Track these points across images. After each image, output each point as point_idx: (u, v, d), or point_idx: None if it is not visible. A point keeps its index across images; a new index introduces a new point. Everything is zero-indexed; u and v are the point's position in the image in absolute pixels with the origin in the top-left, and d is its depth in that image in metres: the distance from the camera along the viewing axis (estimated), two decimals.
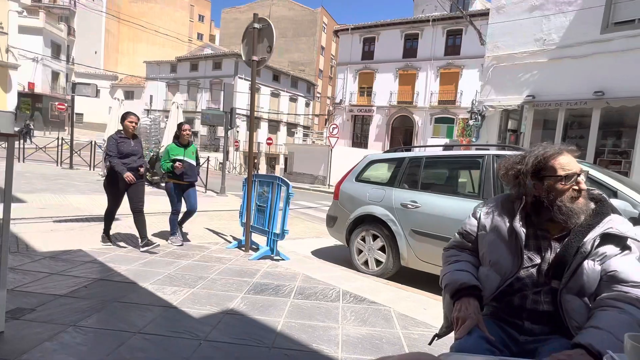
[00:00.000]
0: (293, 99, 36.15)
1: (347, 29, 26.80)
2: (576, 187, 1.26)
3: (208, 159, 11.37)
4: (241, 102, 25.67)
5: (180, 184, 4.55)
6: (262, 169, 31.68)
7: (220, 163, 18.43)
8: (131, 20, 34.32)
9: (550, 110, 9.71)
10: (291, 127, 35.89)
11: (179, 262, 3.83)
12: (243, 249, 4.57)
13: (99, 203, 5.98)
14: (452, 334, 1.30)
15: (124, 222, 5.11)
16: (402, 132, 26.12)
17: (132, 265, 3.57)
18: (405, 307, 3.05)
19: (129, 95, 35.69)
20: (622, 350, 0.81)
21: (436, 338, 1.43)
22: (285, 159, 24.04)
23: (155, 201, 6.70)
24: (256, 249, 4.53)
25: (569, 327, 1.18)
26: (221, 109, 10.70)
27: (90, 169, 12.64)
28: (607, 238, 1.23)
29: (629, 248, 1.23)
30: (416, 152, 4.27)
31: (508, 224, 1.36)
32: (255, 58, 4.40)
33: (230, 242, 4.89)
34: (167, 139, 10.73)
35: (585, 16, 8.98)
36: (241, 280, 3.43)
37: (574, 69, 9.14)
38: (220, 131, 24.03)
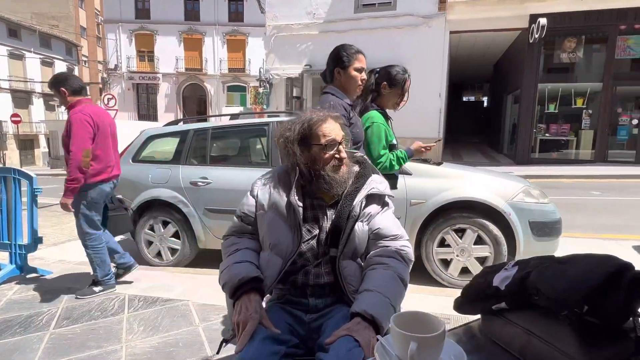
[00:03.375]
0: (47, 63, 28.33)
1: None
2: (338, 156, 1.23)
3: None
4: None
5: None
6: (14, 156, 24.10)
7: None
8: None
9: None
10: (49, 98, 28.33)
11: None
12: None
13: None
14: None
15: None
16: (195, 101, 24.78)
17: None
18: (205, 295, 2.79)
19: None
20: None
21: (224, 344, 1.23)
22: (48, 140, 18.89)
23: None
24: None
25: (347, 293, 1.18)
26: None
27: None
28: (371, 198, 1.27)
29: (387, 204, 1.31)
30: (201, 124, 3.90)
31: (285, 199, 1.25)
32: None
33: None
34: None
35: None
36: None
37: (338, 42, 10.53)
38: None
